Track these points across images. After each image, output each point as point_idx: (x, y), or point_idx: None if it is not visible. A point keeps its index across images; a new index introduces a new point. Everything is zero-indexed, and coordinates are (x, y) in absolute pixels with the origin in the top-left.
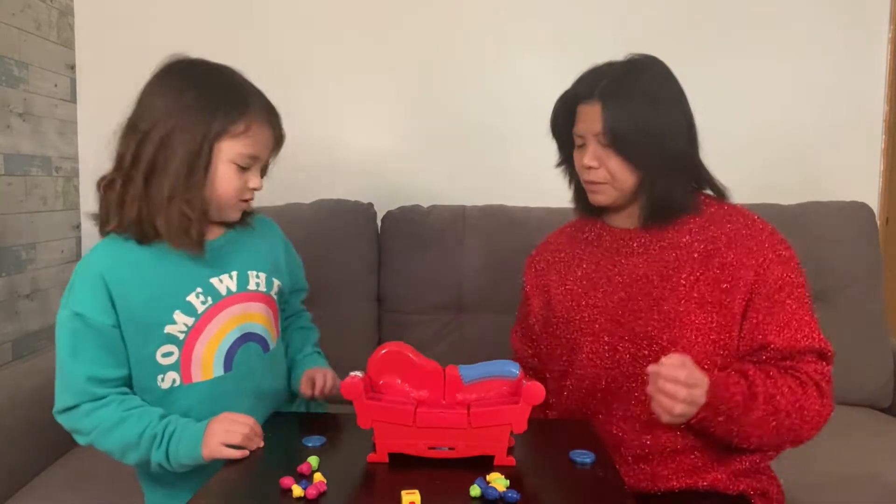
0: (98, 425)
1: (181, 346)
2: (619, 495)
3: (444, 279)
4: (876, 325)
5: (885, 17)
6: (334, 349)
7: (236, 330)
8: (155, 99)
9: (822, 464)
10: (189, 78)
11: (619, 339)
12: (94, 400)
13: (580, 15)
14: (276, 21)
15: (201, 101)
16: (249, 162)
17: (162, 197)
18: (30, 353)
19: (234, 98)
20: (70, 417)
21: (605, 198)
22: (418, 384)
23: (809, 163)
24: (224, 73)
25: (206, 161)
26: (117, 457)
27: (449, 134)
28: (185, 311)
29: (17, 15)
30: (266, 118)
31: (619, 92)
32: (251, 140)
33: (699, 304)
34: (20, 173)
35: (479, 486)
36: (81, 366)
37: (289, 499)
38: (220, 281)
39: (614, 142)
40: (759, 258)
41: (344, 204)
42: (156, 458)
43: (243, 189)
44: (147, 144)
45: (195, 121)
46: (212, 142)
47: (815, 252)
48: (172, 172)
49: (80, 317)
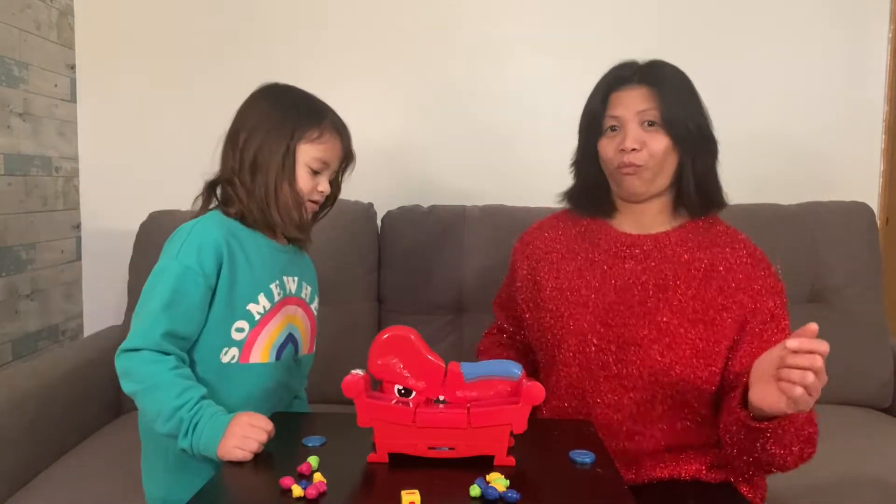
0: (150, 377)
1: (253, 325)
2: (619, 495)
3: (444, 279)
4: (876, 325)
5: (885, 17)
6: (334, 349)
7: (289, 327)
8: (252, 112)
9: (822, 464)
10: (280, 95)
11: (606, 342)
12: (158, 352)
13: (580, 15)
14: (276, 21)
15: (290, 111)
16: (321, 166)
17: (268, 191)
18: (30, 353)
19: (312, 110)
20: (131, 359)
21: (642, 183)
22: (418, 373)
23: (809, 163)
24: (307, 94)
25: (291, 161)
26: (149, 419)
27: (449, 134)
28: (267, 296)
29: (17, 15)
30: (337, 131)
31: (663, 75)
32: (323, 147)
33: (692, 322)
34: (20, 173)
35: (479, 486)
36: (167, 319)
37: (289, 499)
38: (288, 280)
39: (665, 118)
40: (756, 286)
41: (344, 204)
42: (182, 443)
43: (313, 191)
44: (248, 150)
45: (285, 128)
46: (294, 144)
47: (815, 252)
48: (274, 171)
49: (188, 270)
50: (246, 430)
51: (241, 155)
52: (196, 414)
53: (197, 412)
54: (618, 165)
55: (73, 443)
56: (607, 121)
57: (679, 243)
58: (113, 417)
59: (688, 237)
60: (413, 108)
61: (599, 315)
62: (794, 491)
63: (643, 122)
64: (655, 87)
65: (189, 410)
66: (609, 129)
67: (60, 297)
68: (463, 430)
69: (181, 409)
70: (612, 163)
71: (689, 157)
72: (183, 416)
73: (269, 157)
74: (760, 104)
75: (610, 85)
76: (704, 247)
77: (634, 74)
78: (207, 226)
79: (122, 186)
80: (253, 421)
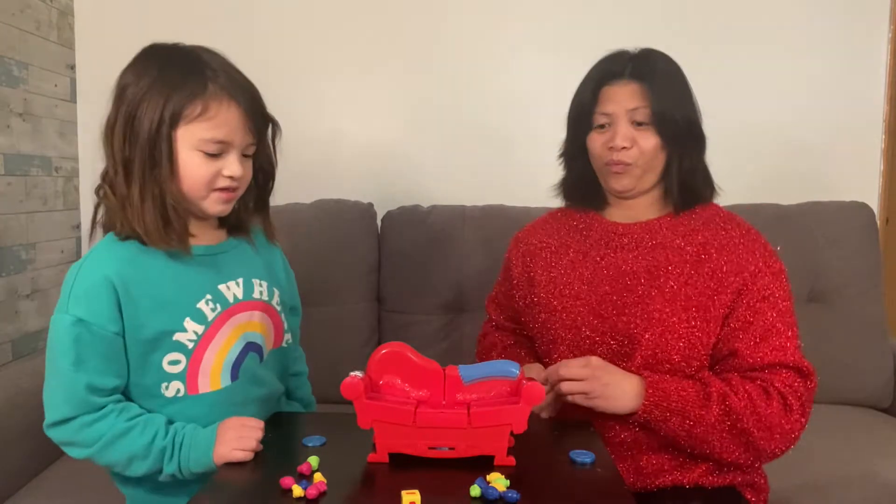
0: (100, 437)
1: (189, 354)
2: (620, 495)
3: (444, 279)
4: (876, 325)
5: (885, 17)
6: (334, 349)
7: (241, 339)
8: (120, 91)
9: (822, 464)
10: (150, 63)
11: (600, 334)
12: (93, 411)
13: (580, 15)
14: (276, 20)
15: (157, 85)
16: (219, 148)
17: (135, 196)
18: (30, 353)
19: (190, 78)
20: (65, 430)
21: (630, 181)
22: (418, 384)
23: (809, 163)
24: (190, 54)
25: (166, 151)
26: (121, 469)
27: (449, 134)
28: (196, 319)
29: (17, 15)
30: (230, 96)
31: (654, 70)
32: (212, 123)
33: (684, 308)
34: (20, 173)
35: (479, 487)
36: (83, 375)
37: (289, 499)
38: (227, 288)
39: (656, 118)
40: (749, 268)
41: (344, 204)
42: (169, 469)
43: (215, 178)
44: (115, 141)
45: (151, 108)
46: (168, 128)
47: (815, 252)
48: (138, 168)
49: (83, 323)
50: (239, 430)
51: (111, 148)
52: (175, 436)
53: (175, 435)
54: (606, 162)
55: None
56: (597, 117)
57: (670, 228)
58: None
59: (680, 221)
60: (413, 109)
61: (593, 307)
62: (794, 490)
63: (633, 120)
64: (647, 83)
65: (164, 438)
66: (599, 125)
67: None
68: (463, 430)
69: (154, 441)
70: (601, 159)
71: (677, 154)
72: (159, 446)
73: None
74: (760, 104)
75: (600, 79)
76: (696, 230)
77: (625, 69)
78: (94, 264)
79: None
80: (244, 421)
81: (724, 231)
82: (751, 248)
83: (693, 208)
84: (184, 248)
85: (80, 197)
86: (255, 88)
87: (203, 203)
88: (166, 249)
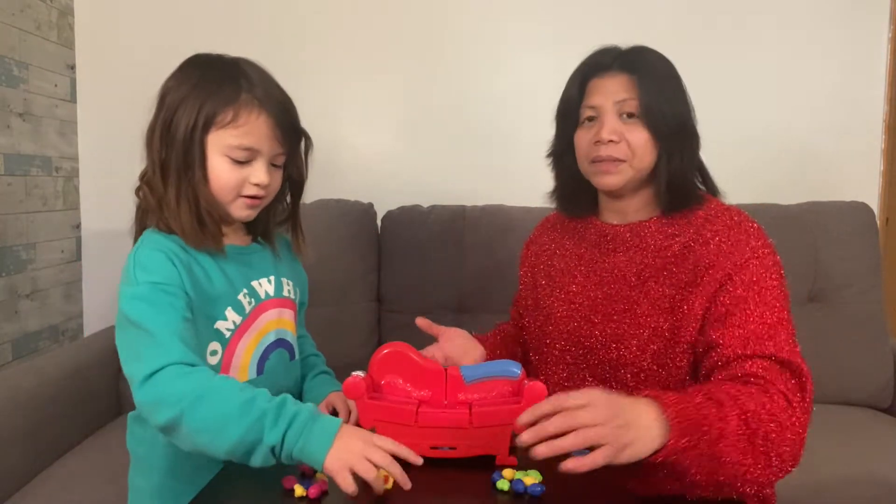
0: (193, 389)
1: (225, 344)
2: (620, 495)
3: (444, 279)
4: (876, 325)
5: (885, 17)
6: (334, 349)
7: (272, 334)
8: (161, 96)
9: (822, 464)
10: (191, 71)
11: (591, 339)
12: (186, 363)
13: (580, 15)
14: (277, 21)
15: (195, 92)
16: (246, 155)
17: (171, 197)
18: (30, 353)
19: (225, 86)
20: (157, 382)
21: (619, 178)
22: (420, 384)
23: (809, 163)
24: (230, 64)
25: (199, 155)
26: (210, 438)
27: (449, 134)
28: (236, 310)
29: (17, 15)
30: (261, 106)
31: (645, 61)
32: (241, 130)
33: (666, 310)
34: (20, 173)
35: (497, 479)
36: (171, 325)
37: (291, 498)
38: (259, 284)
39: (645, 110)
40: (735, 259)
41: (344, 204)
42: (270, 438)
43: (242, 184)
44: (154, 143)
45: (187, 113)
46: (201, 133)
47: (815, 252)
48: (174, 170)
49: (159, 286)
50: (370, 450)
51: (150, 152)
52: (285, 405)
53: (284, 404)
54: (593, 160)
55: (73, 443)
56: (584, 111)
57: (659, 229)
58: (113, 417)
59: (671, 221)
60: (413, 109)
61: (585, 312)
62: (795, 491)
63: (622, 113)
64: (636, 74)
65: (269, 401)
66: (586, 119)
67: (60, 297)
68: (465, 429)
69: (256, 400)
70: (588, 156)
71: (666, 151)
72: (262, 406)
73: (172, 153)
74: (760, 104)
75: (588, 72)
76: (683, 228)
77: (614, 61)
78: (151, 245)
79: (122, 186)
80: (375, 441)
81: (710, 224)
82: (740, 239)
83: (689, 208)
84: (218, 249)
85: (80, 197)
86: (291, 102)
87: (229, 207)
88: (202, 249)
